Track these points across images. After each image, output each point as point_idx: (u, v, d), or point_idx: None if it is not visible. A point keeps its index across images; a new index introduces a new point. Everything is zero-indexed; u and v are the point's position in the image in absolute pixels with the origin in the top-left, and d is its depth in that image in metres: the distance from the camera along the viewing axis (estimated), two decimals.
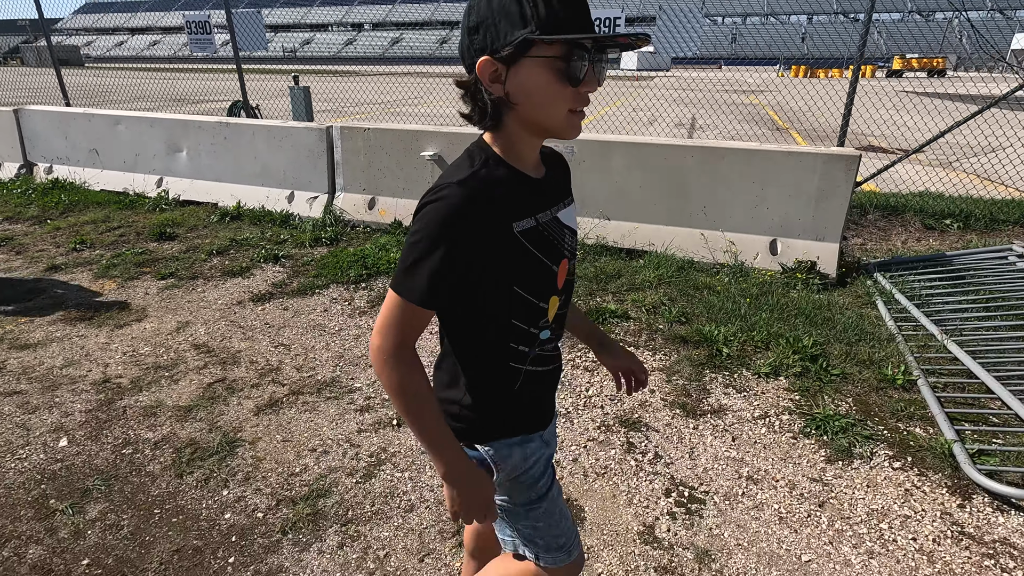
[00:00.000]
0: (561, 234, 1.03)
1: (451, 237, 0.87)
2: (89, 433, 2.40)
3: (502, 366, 1.03)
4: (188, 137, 5.62)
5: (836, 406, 2.55)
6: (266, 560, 1.81)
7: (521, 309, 1.00)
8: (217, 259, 4.36)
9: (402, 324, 0.91)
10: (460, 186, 0.88)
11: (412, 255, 0.89)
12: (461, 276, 0.91)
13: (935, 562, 1.78)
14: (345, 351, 3.08)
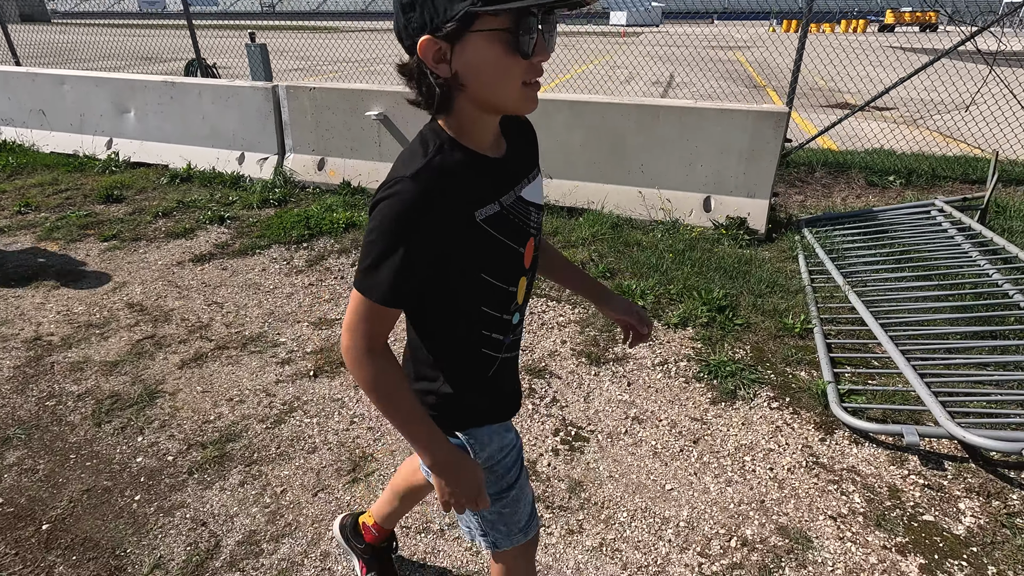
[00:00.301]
0: (526, 213, 0.98)
1: (409, 234, 0.83)
2: (15, 387, 2.50)
3: (475, 354, 1.02)
4: (135, 97, 5.54)
5: (733, 353, 2.70)
6: (170, 497, 1.95)
7: (490, 296, 0.97)
8: (162, 221, 4.39)
9: (369, 323, 0.89)
10: (414, 180, 0.83)
11: (370, 255, 0.85)
12: (424, 272, 0.88)
13: (784, 488, 1.96)
14: (276, 308, 3.18)
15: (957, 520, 1.82)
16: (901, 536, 1.77)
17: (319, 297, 3.30)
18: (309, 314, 3.11)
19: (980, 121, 6.81)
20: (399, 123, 4.77)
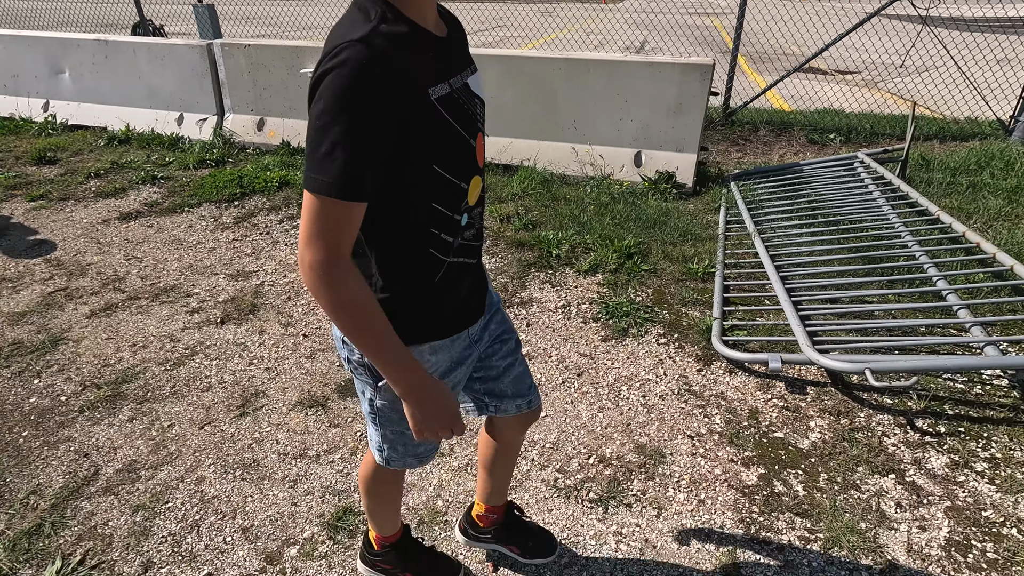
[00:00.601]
0: (473, 104, 0.92)
1: (365, 107, 0.73)
2: None
3: (423, 256, 0.93)
4: (68, 57, 5.40)
5: (634, 296, 2.78)
6: (57, 433, 2.00)
7: (442, 191, 0.88)
8: (94, 182, 4.34)
9: (331, 228, 0.77)
10: (363, 44, 0.73)
11: (323, 140, 0.73)
12: (384, 153, 0.78)
13: (652, 412, 2.06)
14: (196, 262, 3.19)
15: (804, 436, 1.93)
16: (750, 451, 1.88)
17: (241, 251, 3.31)
18: (228, 267, 3.13)
19: (930, 84, 6.90)
20: None
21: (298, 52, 4.71)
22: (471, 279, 1.04)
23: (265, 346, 2.46)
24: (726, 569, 1.51)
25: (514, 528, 1.51)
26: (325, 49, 0.76)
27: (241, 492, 1.76)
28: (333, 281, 0.79)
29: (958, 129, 5.39)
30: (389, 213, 0.87)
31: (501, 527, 1.50)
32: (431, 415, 0.92)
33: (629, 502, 1.71)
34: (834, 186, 3.76)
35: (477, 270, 1.06)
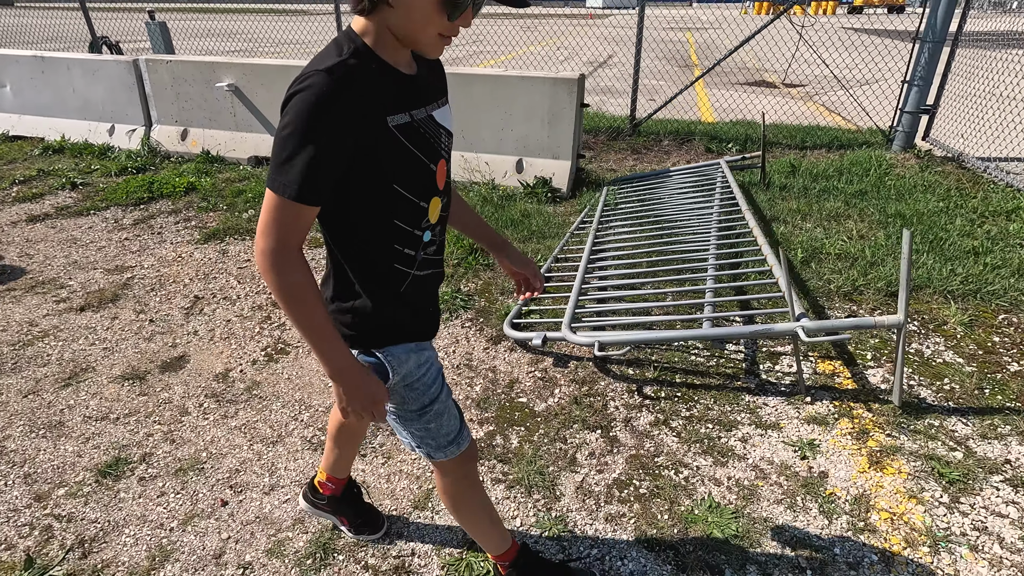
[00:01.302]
0: (437, 134, 1.03)
1: (323, 126, 0.85)
2: None
3: (388, 269, 1.05)
4: (8, 72, 5.74)
5: (463, 286, 3.06)
6: None
7: (403, 208, 1.00)
8: (17, 188, 4.65)
9: (283, 223, 0.90)
10: (328, 73, 0.86)
11: (284, 150, 0.87)
12: (337, 168, 0.90)
13: None
14: (82, 259, 3.48)
15: (544, 400, 2.21)
16: (491, 412, 2.15)
17: (128, 249, 3.60)
18: (109, 263, 3.42)
19: (864, 98, 7.23)
20: (249, 94, 5.04)
21: (215, 67, 5.04)
22: (433, 290, 1.18)
23: (112, 330, 2.74)
24: (419, 502, 1.78)
25: (349, 502, 1.64)
26: (299, 73, 0.89)
27: (37, 447, 2.04)
28: (279, 268, 0.91)
29: (849, 138, 5.71)
30: (358, 228, 1.00)
31: (337, 499, 1.63)
32: (352, 393, 1.02)
33: (365, 452, 1.98)
34: (685, 190, 4.05)
35: (436, 281, 1.18)
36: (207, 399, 2.27)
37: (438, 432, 1.21)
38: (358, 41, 0.92)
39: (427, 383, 1.17)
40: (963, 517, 1.67)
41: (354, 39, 0.92)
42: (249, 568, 1.59)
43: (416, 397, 1.17)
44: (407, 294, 1.09)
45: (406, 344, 1.12)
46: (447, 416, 1.21)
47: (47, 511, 1.77)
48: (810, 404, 2.13)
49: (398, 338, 1.12)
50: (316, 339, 0.97)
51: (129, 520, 1.74)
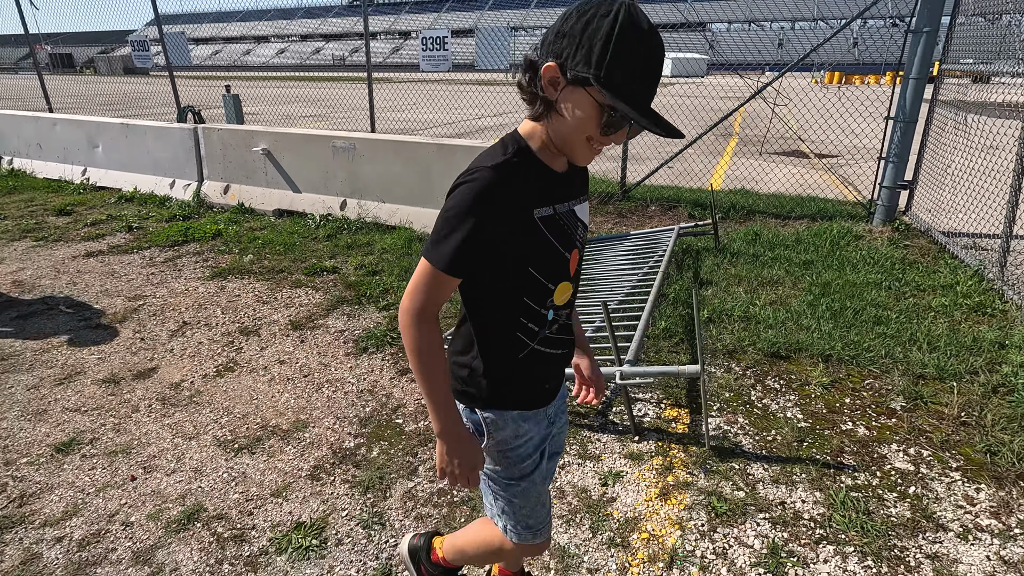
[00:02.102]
0: (575, 225, 1.14)
1: (479, 214, 0.98)
2: None
3: (510, 337, 1.13)
4: (102, 135, 7.02)
5: (393, 326, 3.52)
6: None
7: (532, 288, 1.10)
8: (87, 229, 5.66)
9: (428, 289, 1.02)
10: (492, 170, 1.00)
11: (444, 228, 1.00)
12: (484, 250, 1.01)
13: (325, 400, 2.77)
14: (113, 288, 4.25)
15: (416, 423, 2.58)
16: (368, 428, 2.55)
17: (150, 282, 4.36)
18: (131, 292, 4.17)
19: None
20: (278, 156, 5.92)
21: (253, 135, 5.99)
22: (553, 368, 1.23)
23: (110, 344, 3.40)
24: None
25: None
26: (468, 167, 1.04)
27: (21, 427, 2.62)
28: (417, 326, 1.04)
29: (835, 210, 5.84)
30: (490, 298, 1.11)
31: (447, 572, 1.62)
32: (451, 455, 1.12)
33: (268, 448, 2.43)
34: (628, 253, 4.38)
35: (559, 361, 1.24)
36: (156, 402, 2.82)
37: (520, 511, 1.25)
38: (522, 143, 1.06)
39: (521, 456, 1.21)
40: (711, 543, 1.88)
41: (519, 140, 1.06)
42: (129, 526, 2.05)
43: (507, 466, 1.22)
44: (522, 363, 1.16)
45: (511, 411, 1.18)
46: (534, 500, 1.25)
47: (9, 472, 2.33)
48: (636, 442, 2.39)
49: (505, 403, 1.18)
50: (434, 396, 1.09)
51: (61, 484, 2.26)
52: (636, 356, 2.38)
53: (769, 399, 2.67)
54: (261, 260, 4.72)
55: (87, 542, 1.97)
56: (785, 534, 1.91)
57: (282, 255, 4.81)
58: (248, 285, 4.24)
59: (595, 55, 0.91)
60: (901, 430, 2.44)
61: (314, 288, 4.16)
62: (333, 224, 5.47)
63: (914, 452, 2.31)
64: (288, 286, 4.20)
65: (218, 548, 1.94)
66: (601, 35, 0.91)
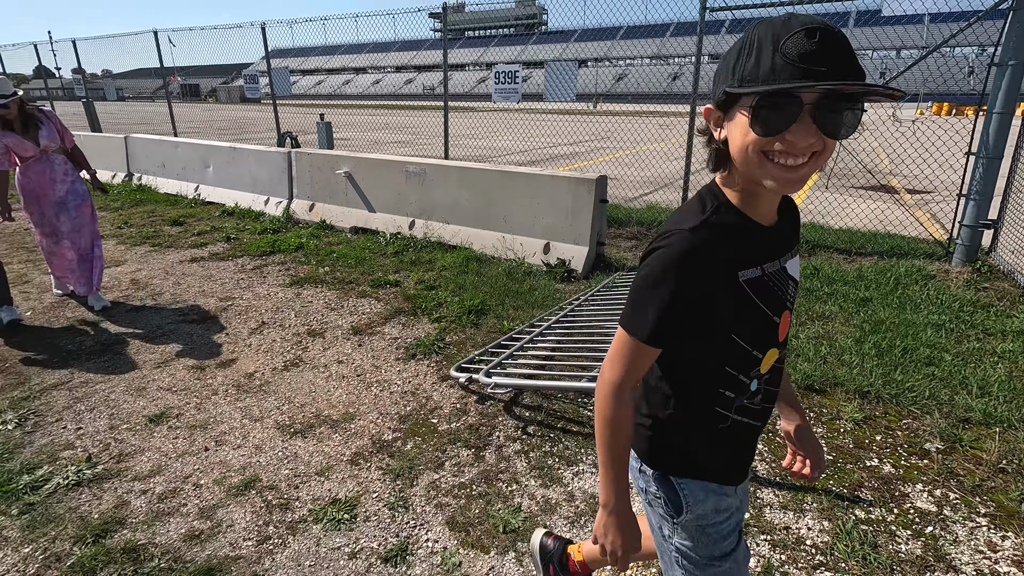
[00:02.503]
0: (785, 284, 1.03)
1: (677, 282, 0.92)
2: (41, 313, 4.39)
3: (707, 409, 1.06)
4: (213, 157, 7.97)
5: (445, 336, 3.80)
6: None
7: (736, 357, 1.01)
8: (193, 237, 6.45)
9: (629, 359, 0.99)
10: (691, 233, 0.93)
11: (640, 297, 0.96)
12: (685, 320, 0.95)
13: (373, 398, 3.06)
14: (208, 290, 4.85)
15: (449, 423, 2.81)
16: (406, 425, 2.80)
17: (239, 286, 4.93)
18: (223, 294, 4.74)
19: None
20: (358, 179, 6.49)
21: (337, 159, 6.60)
22: (748, 439, 1.13)
23: (201, 337, 3.91)
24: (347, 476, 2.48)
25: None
26: (662, 229, 0.97)
27: (125, 400, 3.11)
28: (614, 397, 1.01)
29: (911, 248, 5.58)
30: (688, 365, 1.05)
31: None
32: (609, 530, 1.08)
33: (318, 434, 2.75)
34: None
35: (755, 433, 1.13)
36: (232, 387, 3.23)
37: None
38: (721, 197, 0.98)
39: (723, 533, 1.12)
40: None
41: (716, 194, 0.98)
42: (199, 487, 2.40)
43: (707, 544, 1.12)
44: (720, 436, 1.08)
45: (706, 483, 1.10)
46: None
47: (112, 435, 2.78)
48: None
49: (699, 474, 1.10)
50: (612, 470, 1.05)
51: (150, 448, 2.67)
52: None
53: None
54: (334, 272, 5.20)
55: (165, 496, 2.34)
56: (783, 556, 1.95)
57: (353, 268, 5.27)
58: (320, 293, 4.70)
59: (730, 68, 0.89)
60: (931, 471, 2.37)
61: (377, 299, 4.55)
62: (401, 242, 5.91)
63: (940, 494, 2.25)
64: (355, 296, 4.62)
65: (266, 512, 2.24)
66: (733, 52, 0.89)
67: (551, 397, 3.03)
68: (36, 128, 3.98)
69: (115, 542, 2.08)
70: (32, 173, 4.04)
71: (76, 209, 4.20)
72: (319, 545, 2.08)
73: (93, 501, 2.30)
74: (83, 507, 2.27)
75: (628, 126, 21.45)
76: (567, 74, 7.08)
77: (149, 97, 72.26)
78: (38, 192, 4.09)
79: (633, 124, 21.50)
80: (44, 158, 4.06)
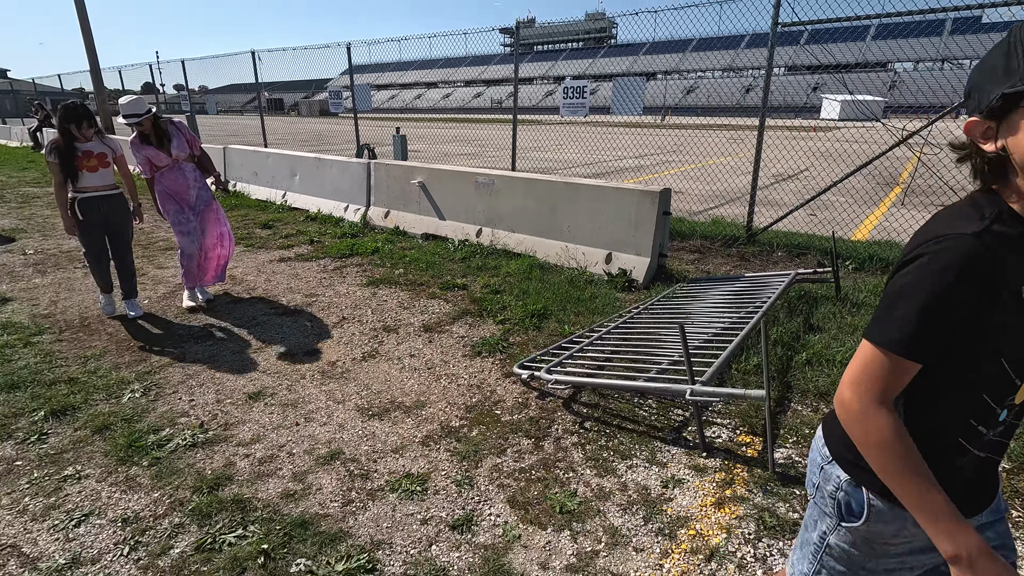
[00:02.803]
0: None
1: (951, 290, 0.82)
2: (159, 300, 4.98)
3: (949, 439, 0.95)
4: (300, 167, 8.64)
5: (509, 337, 4.02)
6: None
7: (996, 384, 0.90)
8: (281, 239, 7.05)
9: (879, 377, 0.87)
10: (974, 238, 0.83)
11: (897, 305, 0.85)
12: (947, 334, 0.85)
13: (441, 389, 3.32)
14: (294, 287, 5.32)
15: (511, 416, 3.02)
16: (472, 414, 3.04)
17: (322, 284, 5.38)
18: (307, 291, 5.20)
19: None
20: (431, 188, 6.88)
21: (412, 170, 7.03)
22: (987, 472, 1.02)
23: (289, 328, 4.33)
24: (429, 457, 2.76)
25: None
26: (929, 233, 0.88)
27: (226, 379, 3.53)
28: (869, 422, 0.88)
29: None
30: (936, 392, 0.93)
31: None
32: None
33: (393, 417, 3.03)
34: (739, 292, 4.45)
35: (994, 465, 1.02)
36: (317, 373, 3.59)
37: None
38: (1001, 204, 0.88)
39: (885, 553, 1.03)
40: (753, 549, 2.04)
41: (995, 202, 0.89)
42: (292, 455, 2.73)
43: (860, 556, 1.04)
44: (958, 467, 0.98)
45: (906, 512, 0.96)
46: None
47: (219, 407, 3.19)
48: (703, 458, 2.58)
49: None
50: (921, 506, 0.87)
51: (250, 420, 3.04)
52: (711, 379, 2.60)
53: None
54: (407, 274, 5.56)
55: (264, 461, 2.68)
56: None
57: (424, 271, 5.62)
58: (394, 293, 5.06)
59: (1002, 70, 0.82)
60: (1005, 490, 2.34)
61: (445, 300, 4.85)
62: (468, 248, 6.22)
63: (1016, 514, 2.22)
64: (425, 296, 4.94)
65: (349, 480, 2.53)
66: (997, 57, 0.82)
67: (608, 396, 3.18)
68: (168, 140, 4.42)
69: (225, 494, 2.42)
70: (167, 180, 4.48)
71: (204, 211, 4.67)
72: (395, 511, 2.33)
73: (206, 460, 2.68)
74: (198, 464, 2.64)
75: (696, 139, 21.15)
76: (634, 88, 7.22)
77: (239, 111, 77.89)
78: (174, 196, 4.54)
79: (702, 137, 21.16)
80: (176, 166, 4.49)
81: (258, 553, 2.09)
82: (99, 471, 2.59)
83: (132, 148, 4.33)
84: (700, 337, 3.37)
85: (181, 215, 4.56)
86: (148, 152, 4.36)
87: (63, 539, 2.19)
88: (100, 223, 4.31)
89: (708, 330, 3.52)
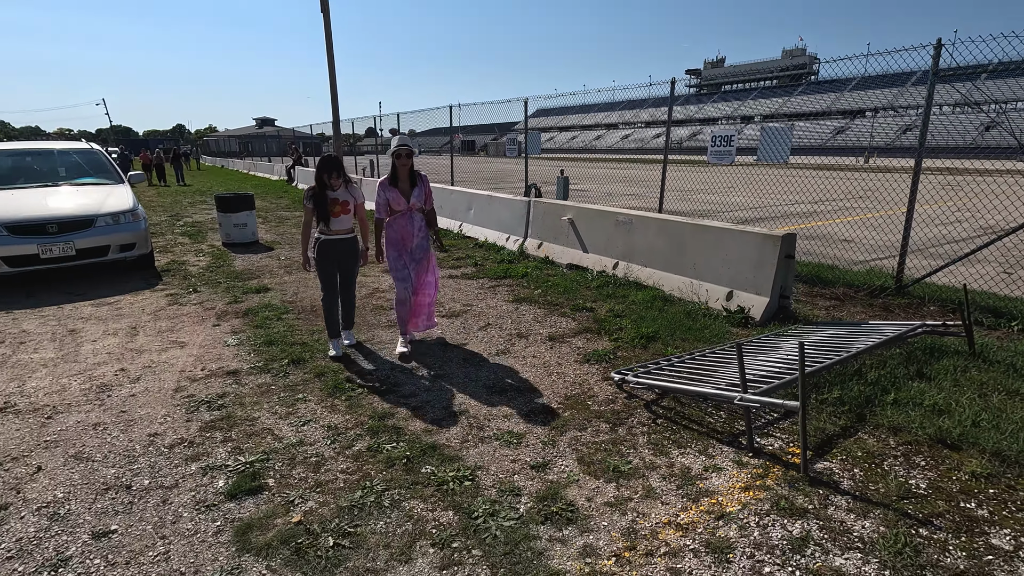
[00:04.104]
0: None
1: None
2: (300, 312, 6.61)
3: None
4: (475, 202, 10.25)
5: (619, 352, 4.70)
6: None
7: None
8: (452, 261, 8.55)
9: None
10: None
11: None
12: None
13: (553, 382, 4.15)
14: (455, 299, 6.60)
15: (598, 407, 3.73)
16: (568, 403, 3.81)
17: (476, 298, 6.60)
18: (464, 303, 6.43)
19: None
20: (578, 225, 7.83)
21: (564, 208, 8.07)
22: None
23: (446, 326, 5.53)
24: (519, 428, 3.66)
25: None
26: None
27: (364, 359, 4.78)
28: None
29: None
30: None
31: None
32: None
33: (509, 395, 3.96)
34: (854, 335, 4.54)
35: None
36: (461, 360, 4.67)
37: None
38: None
39: None
40: (758, 519, 2.49)
41: None
42: (434, 408, 3.78)
43: None
44: None
45: None
46: None
47: (391, 373, 4.41)
48: (749, 457, 3.02)
49: None
50: None
51: (410, 383, 4.19)
52: (766, 392, 3.05)
53: (901, 467, 2.90)
54: (546, 295, 6.53)
55: (417, 408, 3.78)
56: (824, 535, 2.40)
57: (561, 294, 6.53)
58: (532, 310, 6.04)
59: None
60: None
61: (573, 319, 5.69)
62: (604, 278, 7.00)
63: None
64: (557, 315, 5.84)
65: (468, 429, 3.49)
66: None
67: (685, 403, 3.72)
68: (412, 187, 4.55)
69: (388, 423, 3.55)
70: (397, 226, 4.58)
71: (422, 261, 4.75)
72: (495, 452, 3.22)
73: (379, 402, 3.86)
74: (375, 404, 3.84)
75: (899, 183, 19.14)
76: (782, 136, 7.43)
77: (437, 151, 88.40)
78: (397, 242, 4.63)
79: (904, 181, 19.10)
80: (408, 214, 4.58)
81: (403, 457, 3.13)
82: (316, 398, 3.92)
83: (379, 187, 4.54)
84: (780, 365, 3.74)
85: (399, 261, 4.66)
86: (392, 195, 4.52)
87: (295, 430, 3.48)
88: (333, 261, 4.64)
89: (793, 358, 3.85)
